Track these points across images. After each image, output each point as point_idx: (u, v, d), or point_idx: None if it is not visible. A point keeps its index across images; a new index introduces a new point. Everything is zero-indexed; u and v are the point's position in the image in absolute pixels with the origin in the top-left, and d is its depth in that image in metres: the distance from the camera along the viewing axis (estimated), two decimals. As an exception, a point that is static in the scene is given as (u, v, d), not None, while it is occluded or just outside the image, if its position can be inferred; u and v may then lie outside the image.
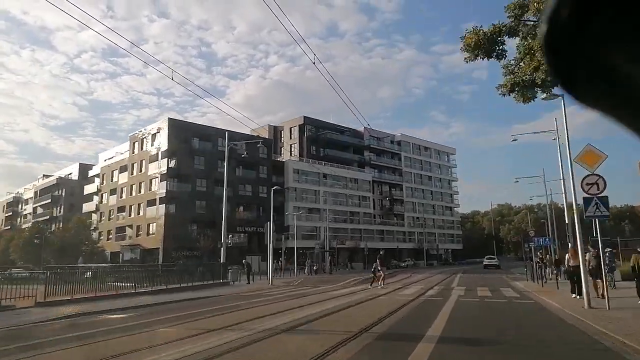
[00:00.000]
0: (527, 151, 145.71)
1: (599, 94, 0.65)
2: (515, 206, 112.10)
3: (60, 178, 76.81)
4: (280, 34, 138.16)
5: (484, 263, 59.61)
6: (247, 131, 58.30)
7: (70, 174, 79.39)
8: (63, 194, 75.49)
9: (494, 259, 61.69)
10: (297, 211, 65.32)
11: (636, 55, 0.58)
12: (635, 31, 0.56)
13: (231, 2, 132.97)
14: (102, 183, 66.80)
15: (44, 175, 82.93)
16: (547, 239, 40.06)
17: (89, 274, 21.50)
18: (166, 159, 54.46)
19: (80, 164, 77.38)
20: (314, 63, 13.17)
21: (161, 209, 53.78)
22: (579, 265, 16.41)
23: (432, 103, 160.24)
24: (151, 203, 55.47)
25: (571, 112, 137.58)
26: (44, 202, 77.29)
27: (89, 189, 69.79)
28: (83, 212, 69.24)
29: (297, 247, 56.81)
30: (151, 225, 55.39)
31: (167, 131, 54.84)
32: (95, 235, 66.17)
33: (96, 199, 67.97)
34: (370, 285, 21.52)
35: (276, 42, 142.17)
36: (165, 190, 53.71)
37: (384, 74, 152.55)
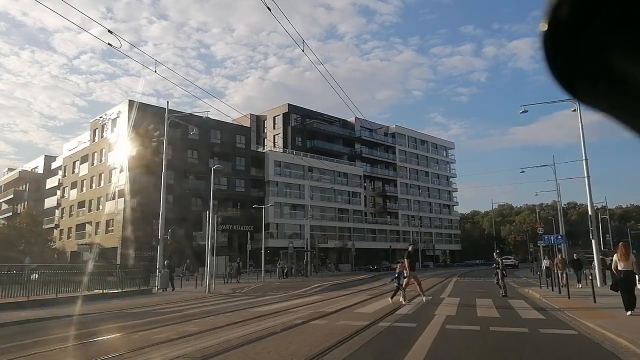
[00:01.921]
0: (527, 154, 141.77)
1: (599, 93, 0.64)
2: (516, 206, 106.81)
3: (22, 171, 70.64)
4: (279, 36, 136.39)
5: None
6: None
7: (36, 167, 73.23)
8: (27, 189, 69.35)
9: (510, 258, 60.48)
10: (278, 207, 59.37)
11: (637, 55, 0.57)
12: (636, 31, 0.55)
13: (230, 4, 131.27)
14: (64, 176, 60.66)
15: (8, 168, 76.77)
16: (558, 237, 33.90)
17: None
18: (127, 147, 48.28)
19: (46, 156, 71.22)
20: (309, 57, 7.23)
21: (120, 203, 47.65)
22: (633, 270, 10.51)
23: (431, 105, 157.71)
24: (110, 197, 49.35)
25: (570, 115, 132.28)
26: (8, 198, 71.13)
27: (51, 182, 63.69)
28: (45, 207, 63.33)
29: (270, 247, 50.66)
30: (110, 221, 49.26)
31: (127, 116, 48.72)
32: (56, 232, 60.42)
33: (59, 193, 61.88)
34: (391, 298, 13.83)
35: (275, 43, 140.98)
36: (124, 183, 47.54)
37: (382, 76, 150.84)
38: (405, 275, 16.37)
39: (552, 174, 43.70)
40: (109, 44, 13.84)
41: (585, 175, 23.69)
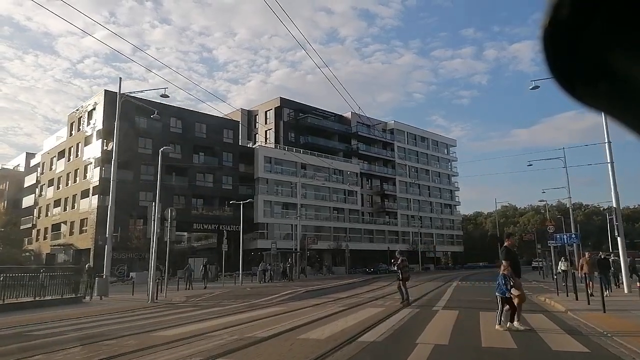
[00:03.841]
0: (530, 156, 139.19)
1: (600, 93, 0.63)
2: (520, 207, 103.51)
3: (3, 169, 67.25)
4: (281, 40, 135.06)
5: (533, 265, 58.46)
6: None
7: (18, 165, 69.91)
8: (7, 188, 65.93)
9: (540, 261, 59.85)
10: (269, 206, 55.84)
11: (637, 55, 0.57)
12: (636, 31, 0.55)
13: (232, 8, 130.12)
14: (42, 173, 57.28)
15: (-13, 166, 73.28)
16: (572, 235, 30.22)
17: None
18: (101, 140, 44.90)
19: (27, 153, 67.82)
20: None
21: (95, 201, 44.13)
22: None
23: (432, 107, 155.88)
24: (85, 194, 45.89)
25: (571, 117, 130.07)
26: (-12, 197, 67.74)
27: (29, 180, 60.32)
28: (23, 207, 59.93)
29: (260, 249, 47.16)
30: (85, 221, 45.74)
31: (103, 107, 45.27)
32: (34, 233, 57.00)
33: (37, 191, 58.49)
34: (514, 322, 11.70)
35: (277, 47, 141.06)
36: (99, 179, 44.07)
37: (383, 79, 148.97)
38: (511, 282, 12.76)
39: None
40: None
41: (609, 160, 20.01)
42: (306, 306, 13.29)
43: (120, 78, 23.58)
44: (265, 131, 63.64)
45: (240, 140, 58.22)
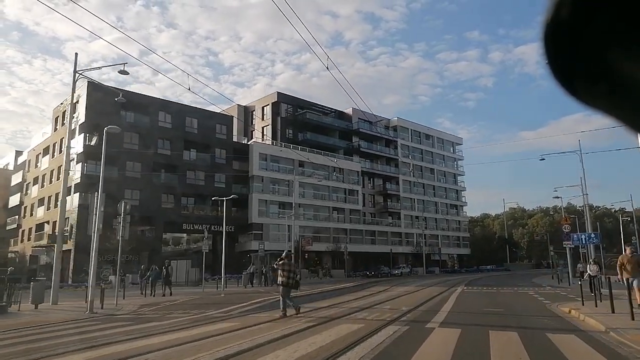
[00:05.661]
0: (538, 156, 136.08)
1: (600, 93, 0.63)
2: (528, 209, 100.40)
3: (-9, 168, 65.12)
4: (286, 43, 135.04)
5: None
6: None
7: (7, 164, 67.77)
8: (-5, 187, 63.69)
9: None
10: (264, 205, 53.04)
11: (637, 54, 0.57)
12: (636, 30, 0.55)
13: (237, 13, 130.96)
14: (28, 171, 54.94)
15: (-24, 165, 71.19)
16: (592, 235, 27.13)
17: None
18: (83, 134, 42.38)
19: (16, 151, 65.60)
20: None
21: (76, 199, 41.56)
22: None
23: (437, 110, 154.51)
24: (67, 192, 43.24)
25: (577, 120, 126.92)
26: (-23, 197, 65.51)
27: (15, 178, 57.99)
28: (10, 206, 57.62)
29: (254, 250, 44.33)
30: (66, 220, 43.01)
31: (85, 99, 42.76)
32: (20, 234, 54.60)
33: (23, 190, 56.13)
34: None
35: (282, 50, 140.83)
36: (80, 175, 41.54)
37: (389, 82, 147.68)
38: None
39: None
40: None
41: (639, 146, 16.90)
42: (265, 321, 10.40)
43: (77, 54, 20.96)
44: (262, 127, 60.86)
45: (235, 137, 55.64)
